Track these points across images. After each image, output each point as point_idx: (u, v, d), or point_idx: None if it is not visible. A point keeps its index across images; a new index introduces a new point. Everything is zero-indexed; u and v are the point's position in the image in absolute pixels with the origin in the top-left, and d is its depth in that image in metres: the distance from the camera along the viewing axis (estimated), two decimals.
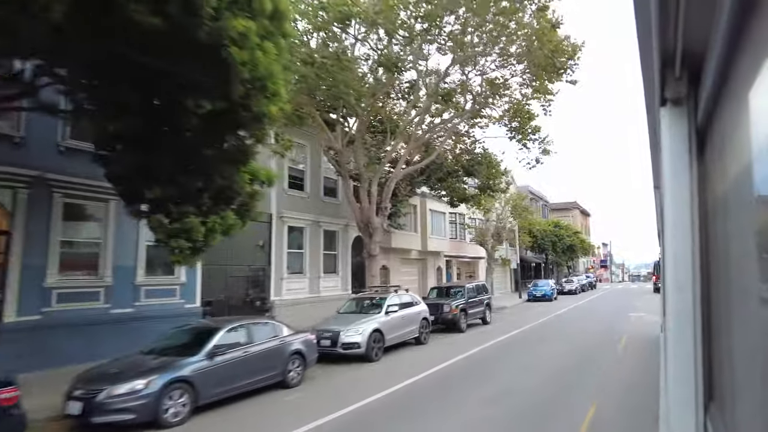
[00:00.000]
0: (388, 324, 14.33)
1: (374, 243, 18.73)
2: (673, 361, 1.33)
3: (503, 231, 31.59)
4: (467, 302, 19.77)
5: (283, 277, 19.06)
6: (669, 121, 1.36)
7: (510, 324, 21.18)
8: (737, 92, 0.92)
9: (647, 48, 1.23)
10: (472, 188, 24.76)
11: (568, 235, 44.85)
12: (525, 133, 21.39)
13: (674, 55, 1.18)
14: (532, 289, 36.86)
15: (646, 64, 1.36)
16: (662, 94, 1.35)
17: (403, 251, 27.05)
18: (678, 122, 1.34)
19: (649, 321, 20.73)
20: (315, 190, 21.14)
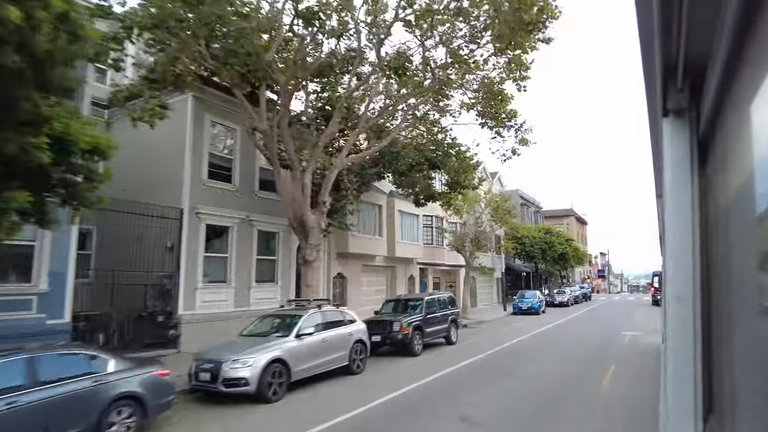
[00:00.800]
0: (299, 351, 10.84)
1: (310, 246, 15.24)
2: (672, 373, 1.33)
3: (483, 236, 28.10)
4: (424, 319, 16.27)
5: (197, 287, 15.57)
6: (671, 132, 1.37)
7: (477, 345, 17.67)
8: (739, 104, 0.92)
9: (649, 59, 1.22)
10: (442, 185, 21.34)
11: (559, 242, 41.29)
12: (498, 118, 18.03)
13: (676, 66, 1.18)
14: (517, 301, 33.34)
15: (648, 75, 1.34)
16: (664, 105, 1.36)
17: (365, 257, 23.58)
18: (680, 133, 1.35)
19: (645, 344, 17.20)
20: (247, 183, 17.70)
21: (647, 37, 1.10)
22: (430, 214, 30.07)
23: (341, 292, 22.39)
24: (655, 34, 1.04)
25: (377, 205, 24.19)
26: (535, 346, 17.33)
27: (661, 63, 1.17)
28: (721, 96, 1.07)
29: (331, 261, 21.53)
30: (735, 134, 0.96)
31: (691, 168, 1.34)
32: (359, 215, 22.88)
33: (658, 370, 10.39)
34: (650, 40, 1.09)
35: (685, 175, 1.34)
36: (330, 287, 21.37)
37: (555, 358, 14.66)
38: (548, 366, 13.46)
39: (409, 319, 15.57)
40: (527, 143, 18.83)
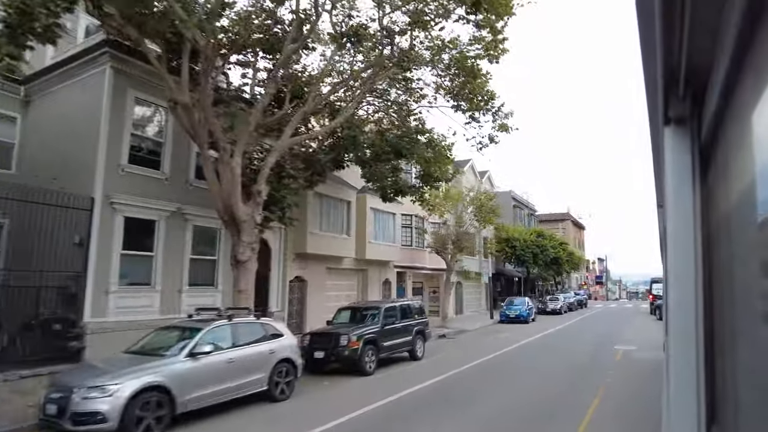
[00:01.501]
0: (191, 374, 8.43)
1: (243, 244, 12.83)
2: (674, 381, 1.31)
3: (465, 237, 25.66)
4: (381, 330, 13.85)
5: (109, 290, 13.15)
6: (672, 140, 1.36)
7: (447, 360, 15.24)
8: (741, 113, 0.92)
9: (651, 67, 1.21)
10: (413, 177, 18.95)
11: (552, 246, 38.78)
12: (473, 101, 15.68)
13: (678, 74, 1.18)
14: (505, 308, 30.89)
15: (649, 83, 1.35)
16: (665, 114, 1.35)
17: (330, 259, 21.16)
18: (681, 142, 1.35)
19: (639, 362, 14.78)
20: (180, 170, 15.30)
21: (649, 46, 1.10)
22: (409, 213, 27.65)
23: (300, 298, 19.96)
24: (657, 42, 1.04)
25: (345, 201, 21.78)
26: (512, 363, 14.89)
27: (663, 71, 1.17)
28: (723, 104, 1.06)
29: (287, 262, 19.11)
30: (737, 143, 0.97)
31: (692, 176, 1.34)
32: (322, 211, 20.50)
33: (653, 400, 8.02)
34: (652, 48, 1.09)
35: (687, 183, 1.34)
36: (284, 293, 18.94)
37: (530, 381, 12.20)
38: (523, 390, 11.02)
39: (360, 331, 13.15)
40: (507, 129, 16.50)
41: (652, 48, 1.07)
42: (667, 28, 0.96)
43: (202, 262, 15.94)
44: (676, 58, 1.09)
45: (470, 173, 36.27)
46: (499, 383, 11.81)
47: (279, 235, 18.91)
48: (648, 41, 1.07)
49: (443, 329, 24.47)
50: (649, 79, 1.28)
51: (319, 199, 20.24)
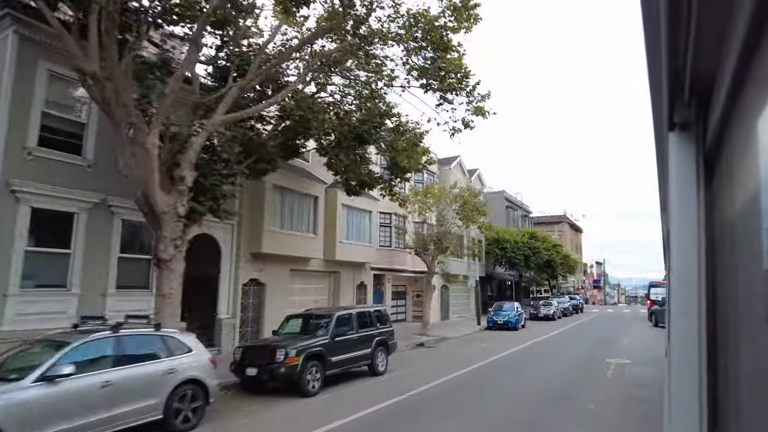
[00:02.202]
0: (41, 406, 6.46)
1: (164, 240, 10.89)
2: (676, 386, 1.31)
3: (447, 237, 23.65)
4: (330, 343, 11.86)
5: (7, 293, 11.19)
6: (677, 145, 1.36)
7: (411, 376, 13.26)
8: (746, 119, 0.92)
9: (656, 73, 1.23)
10: (380, 168, 17.00)
11: (545, 248, 36.73)
12: (444, 79, 13.75)
13: (683, 81, 1.18)
14: (492, 314, 28.87)
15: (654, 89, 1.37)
16: (670, 119, 1.35)
17: (294, 260, 19.17)
18: (686, 147, 1.35)
19: (634, 379, 12.78)
20: (107, 156, 13.31)
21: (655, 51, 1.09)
22: (387, 211, 25.69)
23: (257, 304, 17.96)
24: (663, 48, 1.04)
25: (312, 196, 19.81)
26: (481, 382, 12.88)
27: (668, 77, 1.16)
28: (728, 111, 1.06)
29: (240, 263, 17.13)
30: (742, 149, 0.96)
31: (697, 182, 1.33)
32: (283, 207, 18.53)
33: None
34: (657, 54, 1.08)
35: (691, 189, 1.33)
36: (237, 298, 16.95)
37: (490, 413, 10.18)
38: (488, 422, 9.01)
39: (301, 344, 11.15)
40: (484, 113, 14.54)
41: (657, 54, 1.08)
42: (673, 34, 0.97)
43: (134, 262, 13.98)
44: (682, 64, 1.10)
45: (458, 171, 34.32)
46: (455, 412, 9.80)
47: (231, 232, 16.95)
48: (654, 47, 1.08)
49: (423, 337, 22.50)
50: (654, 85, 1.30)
51: (279, 194, 18.28)
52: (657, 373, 13.07)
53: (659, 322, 29.60)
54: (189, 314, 15.49)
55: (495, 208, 45.02)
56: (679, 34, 0.97)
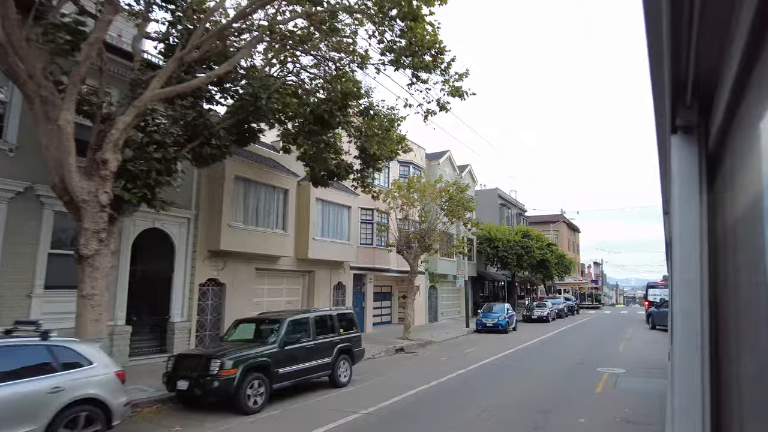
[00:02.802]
0: None
1: (86, 232, 9.37)
2: (679, 391, 1.29)
3: (430, 235, 22.10)
4: (279, 352, 10.36)
5: None
6: (679, 148, 1.37)
7: (377, 388, 11.80)
8: (748, 122, 0.92)
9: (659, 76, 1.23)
10: (354, 158, 15.47)
11: (538, 247, 35.20)
12: (416, 54, 12.26)
13: (686, 83, 1.19)
14: (482, 316, 27.39)
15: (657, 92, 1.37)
16: (673, 122, 1.36)
17: (261, 258, 17.66)
18: (688, 150, 1.35)
19: (628, 395, 11.28)
20: (33, 139, 11.77)
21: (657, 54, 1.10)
22: (369, 207, 24.19)
23: (216, 305, 16.45)
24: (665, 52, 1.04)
25: (281, 189, 18.29)
26: (458, 395, 11.38)
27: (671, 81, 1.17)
28: (731, 114, 1.07)
29: (197, 261, 15.62)
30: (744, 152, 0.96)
31: (699, 185, 1.34)
32: (247, 201, 17.03)
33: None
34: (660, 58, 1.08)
35: (694, 191, 1.34)
36: (193, 299, 15.44)
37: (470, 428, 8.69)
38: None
39: (239, 354, 9.63)
40: (461, 94, 13.05)
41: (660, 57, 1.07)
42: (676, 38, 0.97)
43: (68, 259, 12.44)
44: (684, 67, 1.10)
45: (447, 166, 32.83)
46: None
47: (187, 227, 15.45)
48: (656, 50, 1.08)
49: (404, 341, 21.01)
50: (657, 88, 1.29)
51: (243, 185, 16.77)
52: (654, 387, 11.59)
53: (657, 325, 28.16)
54: (137, 317, 14.02)
55: (488, 205, 43.56)
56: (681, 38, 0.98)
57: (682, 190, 1.34)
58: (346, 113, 13.34)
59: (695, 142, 1.33)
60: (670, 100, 1.27)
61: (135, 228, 13.99)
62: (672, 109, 1.31)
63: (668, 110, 1.32)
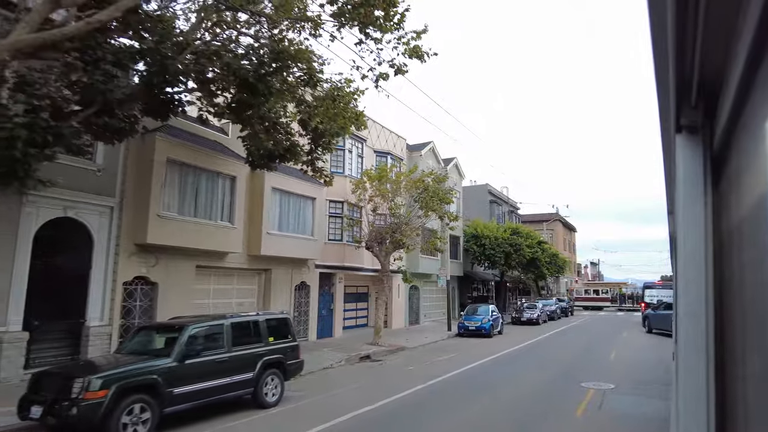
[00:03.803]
0: None
1: None
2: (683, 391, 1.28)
3: (403, 230, 19.97)
4: (178, 367, 8.23)
5: None
6: (684, 148, 1.36)
7: (319, 408, 9.72)
8: (754, 122, 0.91)
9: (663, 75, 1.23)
10: (302, 135, 13.29)
11: (528, 245, 33.05)
12: (363, 4, 10.19)
13: (690, 82, 1.18)
14: (464, 319, 25.30)
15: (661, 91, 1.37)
16: (677, 122, 1.35)
17: (203, 254, 15.54)
18: (693, 150, 1.35)
19: (615, 415, 9.17)
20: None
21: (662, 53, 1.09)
22: (338, 200, 22.08)
23: (146, 308, 14.30)
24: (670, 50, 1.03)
25: (227, 175, 16.14)
26: (411, 417, 9.26)
27: (675, 79, 1.16)
28: (736, 114, 1.06)
29: (122, 256, 13.49)
30: (750, 152, 0.95)
31: (704, 185, 1.33)
32: (184, 187, 14.89)
33: None
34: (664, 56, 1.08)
35: (698, 191, 1.33)
36: (115, 300, 13.30)
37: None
38: None
39: (114, 372, 7.50)
40: (421, 55, 10.97)
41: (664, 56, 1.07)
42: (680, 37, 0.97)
43: None
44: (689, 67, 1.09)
45: (430, 158, 30.71)
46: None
47: (109, 217, 13.32)
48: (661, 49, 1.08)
49: (372, 347, 18.90)
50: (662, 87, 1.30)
51: (177, 170, 14.64)
52: (648, 409, 9.48)
53: (654, 329, 26.08)
54: (40, 321, 11.89)
55: (477, 202, 41.50)
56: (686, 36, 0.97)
57: (687, 190, 1.34)
58: (283, 79, 11.22)
59: (700, 142, 1.33)
60: (675, 99, 1.26)
61: (38, 216, 11.85)
62: (677, 109, 1.30)
63: (673, 110, 1.31)
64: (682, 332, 1.30)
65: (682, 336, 1.30)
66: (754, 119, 0.89)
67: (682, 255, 1.34)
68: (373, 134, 25.59)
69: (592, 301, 53.82)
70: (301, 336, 19.89)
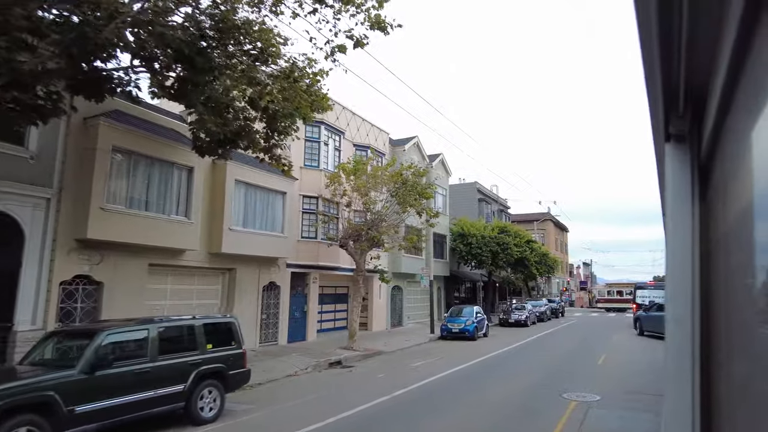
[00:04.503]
0: None
1: None
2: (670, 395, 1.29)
3: (379, 227, 18.76)
4: (84, 380, 6.99)
5: None
6: (672, 156, 1.38)
7: (263, 425, 8.46)
8: (738, 131, 0.93)
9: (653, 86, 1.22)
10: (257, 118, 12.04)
11: (516, 243, 31.93)
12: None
13: (677, 92, 1.20)
14: (447, 321, 24.18)
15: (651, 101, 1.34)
16: (666, 131, 1.37)
17: (156, 252, 14.26)
18: (681, 158, 1.37)
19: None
20: None
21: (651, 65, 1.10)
22: (313, 195, 20.87)
23: (90, 310, 13.02)
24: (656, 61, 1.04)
25: (184, 166, 14.87)
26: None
27: (663, 90, 1.17)
28: (720, 124, 1.08)
29: (59, 253, 12.21)
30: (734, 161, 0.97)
31: (692, 192, 1.35)
32: (133, 178, 13.63)
33: None
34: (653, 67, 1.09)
35: (686, 199, 1.35)
36: (51, 301, 12.01)
37: None
38: None
39: (2, 387, 6.26)
40: (384, 27, 9.79)
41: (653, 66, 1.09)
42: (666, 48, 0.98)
43: None
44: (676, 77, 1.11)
45: (414, 153, 29.53)
46: None
47: (44, 210, 12.05)
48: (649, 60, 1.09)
49: (346, 351, 17.72)
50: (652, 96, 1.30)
51: (126, 160, 13.37)
52: (636, 426, 8.33)
53: (646, 331, 25.02)
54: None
55: (466, 200, 40.39)
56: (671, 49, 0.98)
57: (676, 198, 1.36)
58: (230, 54, 9.99)
59: (688, 151, 1.35)
60: (664, 109, 1.26)
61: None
62: (665, 118, 1.31)
63: (662, 118, 1.32)
64: (670, 338, 1.32)
65: (669, 341, 1.32)
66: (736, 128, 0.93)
67: (671, 263, 1.35)
68: (353, 127, 24.38)
69: (614, 302, 48.91)
70: (270, 340, 18.65)
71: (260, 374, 13.27)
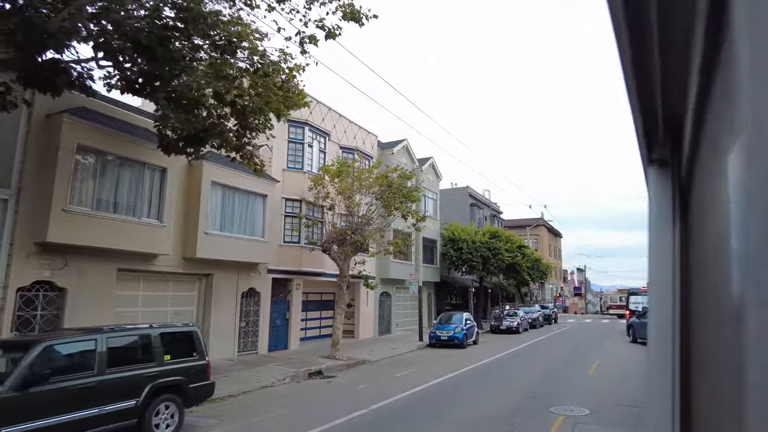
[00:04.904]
0: None
1: None
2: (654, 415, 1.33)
3: (363, 231, 18.12)
4: (14, 397, 6.28)
5: None
6: (655, 180, 1.41)
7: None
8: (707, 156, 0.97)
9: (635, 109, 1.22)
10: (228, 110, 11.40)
11: (507, 249, 31.33)
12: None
13: (657, 123, 1.24)
14: (436, 328, 23.51)
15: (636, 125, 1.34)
16: (649, 155, 1.40)
17: (126, 256, 13.55)
18: (663, 183, 1.40)
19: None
20: None
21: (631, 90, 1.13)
22: (296, 198, 20.21)
23: (53, 318, 12.28)
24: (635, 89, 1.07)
25: (156, 167, 14.20)
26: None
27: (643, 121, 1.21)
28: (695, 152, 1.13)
29: (16, 257, 11.49)
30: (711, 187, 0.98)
31: (672, 216, 1.38)
32: (100, 179, 12.95)
33: None
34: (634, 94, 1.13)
35: (667, 223, 1.37)
36: (4, 309, 11.27)
37: None
38: None
39: None
40: (359, 18, 9.20)
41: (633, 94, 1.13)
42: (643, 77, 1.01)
43: None
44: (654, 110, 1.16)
45: (403, 156, 28.96)
46: None
47: (2, 212, 11.33)
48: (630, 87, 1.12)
49: (328, 360, 17.01)
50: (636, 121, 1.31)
51: (92, 159, 12.71)
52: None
53: (639, 338, 24.45)
54: None
55: (457, 205, 39.86)
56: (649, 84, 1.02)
57: (657, 221, 1.38)
58: (194, 46, 9.38)
59: (669, 174, 1.38)
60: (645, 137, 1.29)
61: None
62: (647, 143, 1.34)
63: (644, 143, 1.35)
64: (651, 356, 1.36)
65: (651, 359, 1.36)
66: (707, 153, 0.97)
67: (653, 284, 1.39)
68: (340, 128, 23.79)
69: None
70: (249, 349, 17.92)
71: (233, 385, 12.58)
